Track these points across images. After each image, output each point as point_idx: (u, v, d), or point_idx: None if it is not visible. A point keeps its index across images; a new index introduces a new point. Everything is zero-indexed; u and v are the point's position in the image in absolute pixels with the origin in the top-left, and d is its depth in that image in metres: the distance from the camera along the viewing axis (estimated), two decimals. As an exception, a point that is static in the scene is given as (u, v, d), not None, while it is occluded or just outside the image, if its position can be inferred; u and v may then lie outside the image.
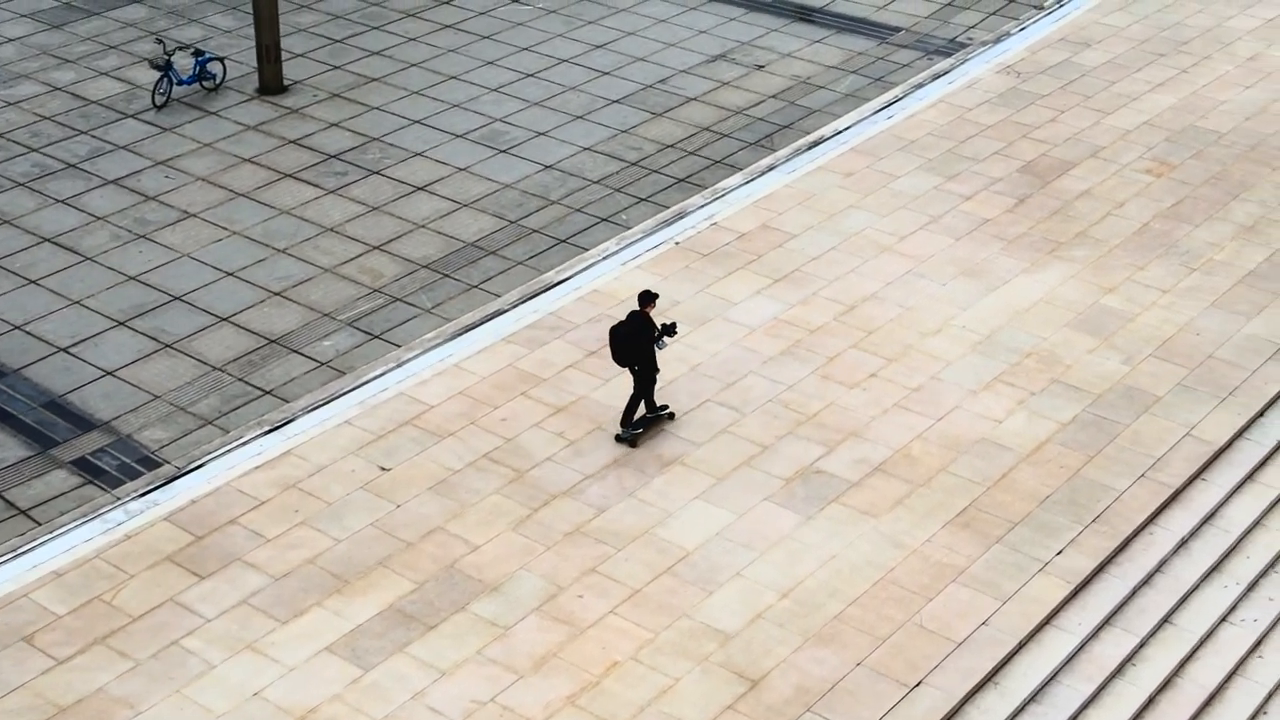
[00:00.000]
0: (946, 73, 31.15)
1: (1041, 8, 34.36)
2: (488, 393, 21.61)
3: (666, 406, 21.05)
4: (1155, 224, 25.71)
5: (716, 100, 30.60)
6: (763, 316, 23.26)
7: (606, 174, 27.88)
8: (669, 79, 31.46)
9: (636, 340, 19.93)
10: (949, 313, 23.37)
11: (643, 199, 27.08)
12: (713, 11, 34.50)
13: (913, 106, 29.68)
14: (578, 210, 26.72)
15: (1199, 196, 26.50)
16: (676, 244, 25.18)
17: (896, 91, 30.41)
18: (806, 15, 34.24)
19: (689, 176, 27.74)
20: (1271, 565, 19.17)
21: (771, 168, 27.55)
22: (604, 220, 26.43)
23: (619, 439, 20.60)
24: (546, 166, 28.15)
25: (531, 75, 31.57)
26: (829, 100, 30.50)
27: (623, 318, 20.31)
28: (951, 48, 32.72)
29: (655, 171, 27.92)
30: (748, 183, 27.09)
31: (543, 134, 29.28)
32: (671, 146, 28.82)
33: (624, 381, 21.65)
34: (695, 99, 30.62)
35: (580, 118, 29.89)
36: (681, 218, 25.98)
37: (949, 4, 34.88)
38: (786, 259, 24.69)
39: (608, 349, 22.32)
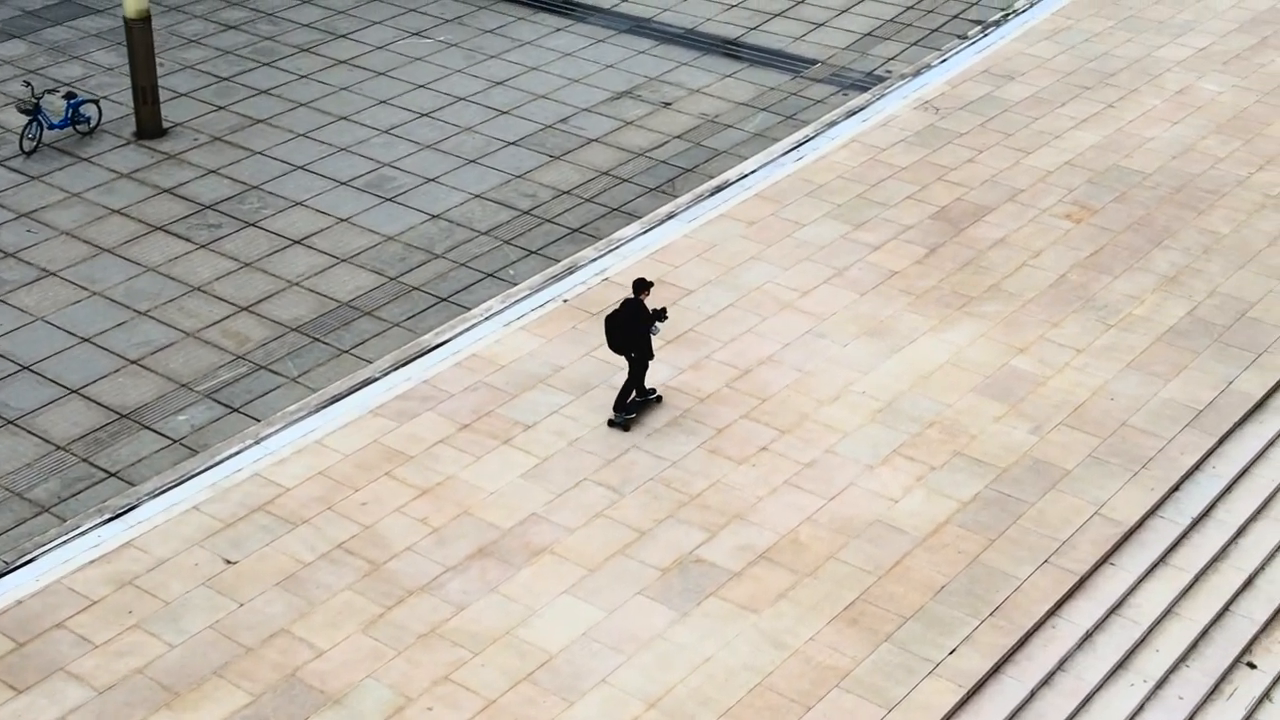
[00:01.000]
0: (861, 109, 29.94)
1: (965, 38, 33.20)
2: (349, 473, 20.25)
3: (654, 390, 21.49)
4: (1072, 275, 24.52)
5: (618, 141, 29.31)
6: (651, 383, 21.94)
7: (496, 224, 26.56)
8: (570, 118, 30.16)
9: (632, 328, 20.37)
10: (849, 377, 22.12)
11: (533, 252, 25.76)
12: (622, 44, 33.25)
13: (824, 147, 28.45)
14: (463, 265, 25.39)
15: (1119, 244, 25.33)
16: (565, 302, 23.88)
17: (807, 130, 29.19)
18: (719, 48, 33.01)
19: (583, 226, 26.44)
20: (1182, 659, 17.95)
21: (671, 216, 26.28)
22: (489, 276, 25.11)
23: (612, 423, 21.03)
24: (433, 216, 26.82)
25: (426, 115, 30.24)
26: (737, 140, 29.26)
27: (617, 306, 20.85)
28: (869, 81, 31.52)
29: (548, 221, 26.60)
30: (645, 233, 25.81)
31: (432, 180, 27.94)
32: (567, 193, 27.51)
33: (498, 456, 20.41)
34: (596, 140, 29.33)
35: (473, 161, 28.57)
36: (572, 272, 24.68)
37: (868, 34, 33.70)
38: (680, 318, 23.40)
39: (483, 420, 21.09)
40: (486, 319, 23.63)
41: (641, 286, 20.51)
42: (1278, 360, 22.54)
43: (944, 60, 32.07)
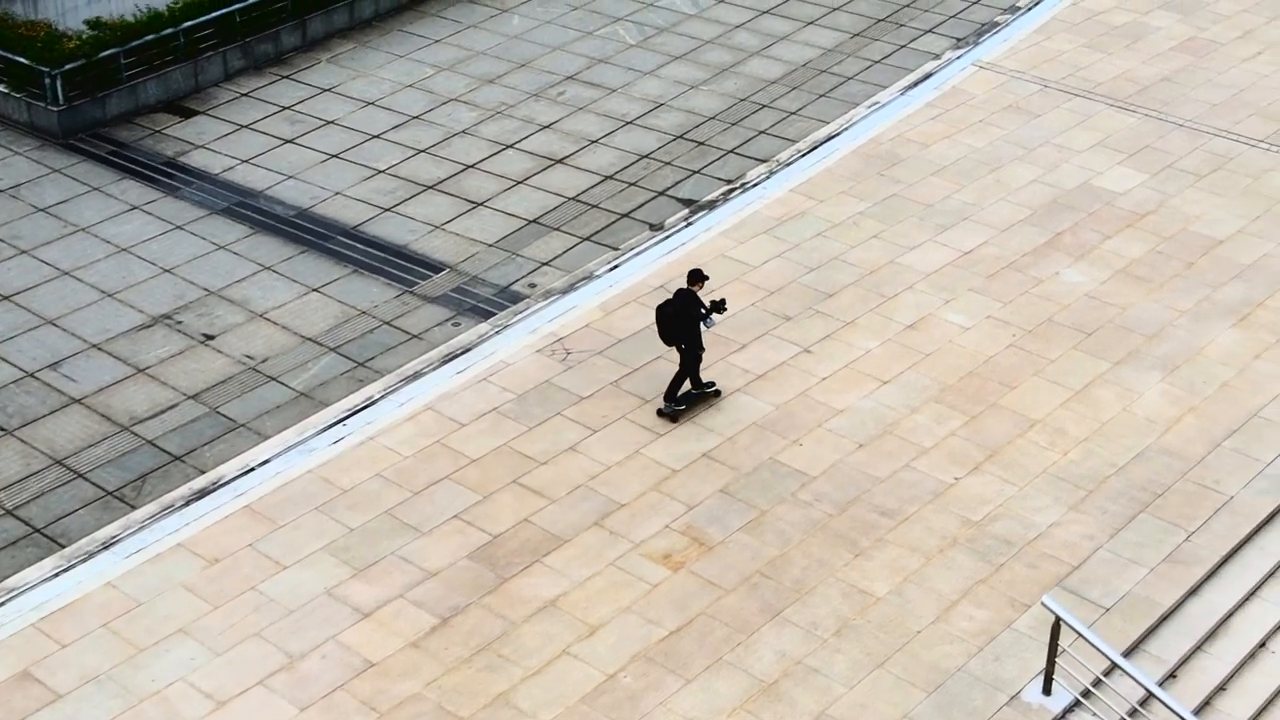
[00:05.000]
0: (465, 352, 23.12)
1: (659, 228, 26.18)
2: None
3: (713, 384, 21.78)
4: (626, 677, 17.62)
5: (106, 403, 22.59)
6: None
7: None
8: (65, 361, 23.59)
9: (683, 319, 20.72)
10: None
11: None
12: (205, 233, 26.45)
13: (383, 419, 21.65)
14: None
15: (719, 614, 18.37)
16: None
17: (373, 390, 22.38)
18: (329, 240, 26.14)
19: (-31, 566, 19.59)
20: None
21: (107, 546, 19.61)
22: None
23: (660, 413, 21.36)
24: None
25: (-126, 354, 23.48)
26: (271, 404, 22.46)
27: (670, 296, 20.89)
28: (500, 301, 24.62)
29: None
30: (55, 575, 19.17)
31: None
32: (-14, 499, 20.67)
33: None
34: (78, 400, 22.60)
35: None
36: (-93, 655, 17.85)
37: (534, 220, 26.74)
38: (12, 754, 16.52)
39: None
40: None
41: (696, 277, 20.88)
42: None
43: (614, 266, 25.14)
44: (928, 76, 31.13)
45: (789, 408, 21.83)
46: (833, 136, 28.93)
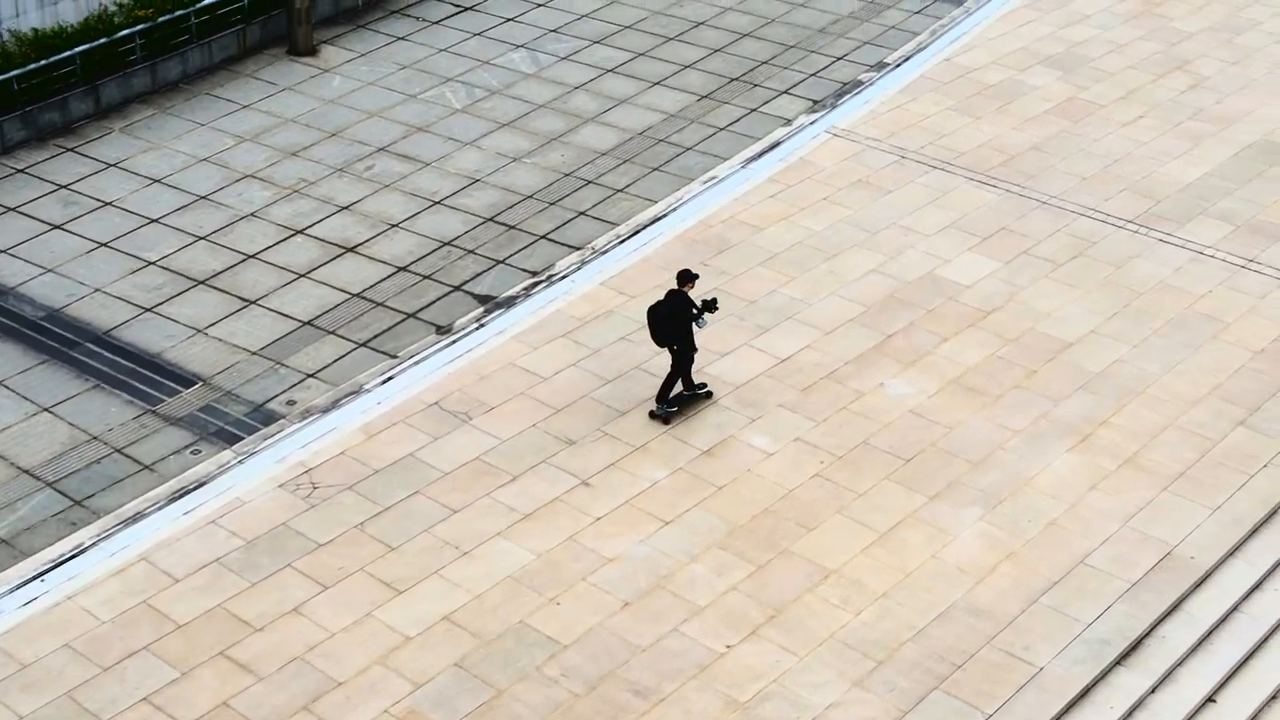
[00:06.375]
0: (197, 488, 20.70)
1: (446, 331, 23.82)
2: None
3: (705, 385, 21.59)
4: None
5: None
6: None
7: None
8: None
9: (675, 319, 20.54)
10: None
11: None
12: (-60, 340, 23.95)
13: (86, 575, 19.45)
14: None
15: (421, 831, 15.91)
16: None
17: (84, 536, 20.16)
18: (75, 349, 23.76)
19: None
20: None
21: None
22: None
23: (653, 415, 21.19)
24: None
25: None
26: (-41, 558, 19.92)
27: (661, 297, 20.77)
28: (252, 422, 22.25)
29: None
30: None
31: None
32: None
33: None
34: None
35: None
36: None
37: (308, 323, 24.36)
38: None
39: None
40: None
41: (686, 278, 20.67)
42: None
43: (387, 378, 22.78)
44: (774, 146, 28.87)
45: (553, 556, 19.49)
46: (658, 219, 26.64)
